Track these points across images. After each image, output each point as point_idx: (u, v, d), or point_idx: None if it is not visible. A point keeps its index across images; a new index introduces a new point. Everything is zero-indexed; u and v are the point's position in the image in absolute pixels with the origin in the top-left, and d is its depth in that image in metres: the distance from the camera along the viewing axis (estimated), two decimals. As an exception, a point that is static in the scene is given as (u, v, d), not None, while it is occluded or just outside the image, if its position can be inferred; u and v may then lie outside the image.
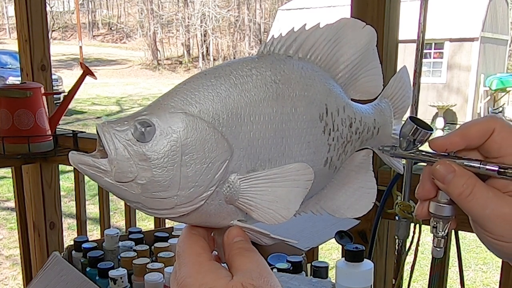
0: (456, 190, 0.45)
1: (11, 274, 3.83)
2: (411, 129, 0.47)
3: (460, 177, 0.45)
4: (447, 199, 0.47)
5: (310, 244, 1.17)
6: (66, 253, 1.27)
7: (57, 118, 1.90)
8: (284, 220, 0.42)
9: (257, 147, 0.42)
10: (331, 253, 3.93)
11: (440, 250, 0.49)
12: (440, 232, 0.48)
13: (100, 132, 0.40)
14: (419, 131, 0.47)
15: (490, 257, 4.10)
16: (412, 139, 0.47)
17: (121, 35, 30.85)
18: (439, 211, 0.47)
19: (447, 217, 0.47)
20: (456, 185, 0.45)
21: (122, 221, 4.44)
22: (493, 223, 0.44)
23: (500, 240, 0.45)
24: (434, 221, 0.48)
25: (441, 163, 0.45)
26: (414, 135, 0.47)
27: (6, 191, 5.70)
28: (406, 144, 0.48)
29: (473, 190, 0.44)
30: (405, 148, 0.48)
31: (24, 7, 1.99)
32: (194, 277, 0.41)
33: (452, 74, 12.48)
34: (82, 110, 12.49)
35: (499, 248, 0.46)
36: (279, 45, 0.45)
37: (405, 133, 0.47)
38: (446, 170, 0.45)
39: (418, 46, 1.21)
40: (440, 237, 0.48)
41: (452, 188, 0.45)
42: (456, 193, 0.45)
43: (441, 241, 0.49)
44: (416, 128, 0.47)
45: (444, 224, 0.48)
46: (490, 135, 0.45)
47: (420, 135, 0.47)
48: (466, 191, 0.44)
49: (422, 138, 0.47)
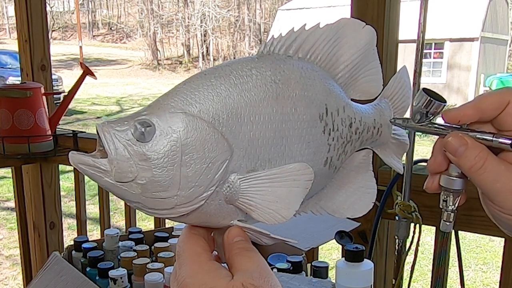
0: (467, 163, 0.44)
1: (11, 274, 3.83)
2: (425, 101, 0.46)
3: (472, 150, 0.44)
4: (458, 172, 0.46)
5: (310, 244, 1.17)
6: (66, 253, 1.27)
7: (57, 118, 1.90)
8: (284, 220, 0.42)
9: (257, 147, 0.42)
10: (331, 253, 3.93)
11: (449, 225, 0.48)
12: (450, 206, 0.48)
13: (100, 132, 0.40)
14: (433, 103, 0.46)
15: (490, 257, 4.10)
16: (425, 111, 0.46)
17: (121, 35, 30.85)
18: (450, 184, 0.47)
19: (457, 190, 0.47)
20: (468, 158, 0.44)
21: (122, 221, 4.44)
22: (504, 196, 0.44)
23: (510, 215, 0.44)
24: (444, 194, 0.48)
25: (453, 136, 0.45)
26: (427, 107, 0.46)
27: (6, 191, 5.70)
28: (419, 116, 0.47)
29: (485, 163, 0.44)
30: (418, 120, 0.48)
31: (24, 7, 1.99)
32: (194, 277, 0.41)
33: (452, 74, 12.50)
34: (82, 110, 12.49)
35: (509, 223, 0.45)
36: (279, 45, 0.45)
37: (418, 105, 0.47)
38: (458, 142, 0.44)
39: (418, 46, 1.21)
40: (450, 211, 0.48)
41: (463, 161, 0.44)
42: (468, 166, 0.44)
43: (450, 215, 0.48)
44: (430, 100, 0.46)
45: (455, 198, 0.47)
46: (504, 108, 0.44)
47: (434, 107, 0.46)
48: (478, 164, 0.44)
49: (435, 110, 0.46)
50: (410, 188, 1.24)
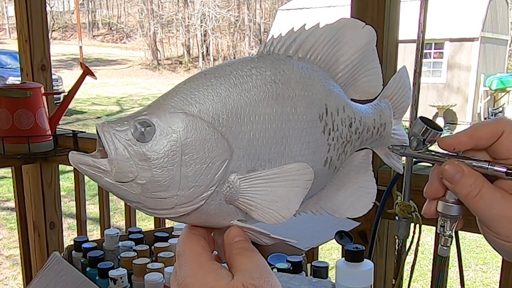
0: (463, 190, 0.45)
1: (11, 274, 3.83)
2: (421, 129, 0.48)
3: (468, 177, 0.45)
4: (455, 199, 0.47)
5: (310, 244, 1.17)
6: (66, 253, 1.27)
7: (57, 118, 1.90)
8: (284, 220, 0.42)
9: (257, 147, 0.42)
10: (331, 253, 3.93)
11: (446, 249, 0.50)
12: (447, 231, 0.49)
13: (100, 132, 0.40)
14: (429, 131, 0.47)
15: (490, 257, 4.10)
16: (422, 139, 0.48)
17: (121, 35, 30.85)
18: (447, 210, 0.48)
19: (454, 216, 0.48)
20: (464, 185, 0.45)
21: (122, 221, 4.44)
22: (500, 223, 0.45)
23: (506, 241, 0.45)
24: (442, 220, 0.49)
25: (449, 163, 0.46)
26: (424, 135, 0.48)
27: (6, 191, 5.70)
28: (416, 143, 0.49)
29: (481, 190, 0.44)
30: (415, 147, 0.49)
31: (24, 7, 1.99)
32: (195, 277, 0.41)
33: (452, 74, 12.49)
34: (82, 110, 12.49)
35: (505, 249, 0.46)
36: (279, 45, 0.45)
37: (415, 133, 0.48)
38: (454, 170, 0.45)
39: (418, 46, 1.21)
40: (447, 236, 0.49)
41: (460, 188, 0.45)
42: (464, 193, 0.45)
43: (448, 240, 0.49)
44: (426, 129, 0.47)
45: (452, 224, 0.48)
46: (499, 137, 0.46)
47: (430, 135, 0.48)
48: (474, 191, 0.45)
49: (432, 138, 0.48)
50: (410, 188, 1.24)
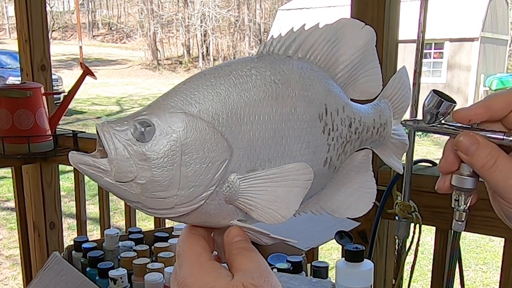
0: (479, 161, 0.44)
1: (11, 274, 3.83)
2: (435, 101, 0.47)
3: (484, 148, 0.44)
4: (469, 171, 0.46)
5: (310, 244, 1.17)
6: (66, 253, 1.27)
7: (57, 118, 1.90)
8: (284, 219, 0.42)
9: (257, 147, 0.42)
10: (331, 253, 3.93)
11: (461, 224, 0.49)
12: (462, 205, 0.48)
13: (100, 132, 0.40)
14: (443, 104, 0.47)
15: (490, 257, 4.10)
16: (436, 111, 0.47)
17: (121, 35, 30.85)
18: (461, 183, 0.47)
19: (469, 189, 0.47)
20: (480, 156, 0.44)
21: (122, 221, 4.44)
22: None
23: None
24: (456, 194, 0.48)
25: (464, 135, 0.45)
26: (437, 108, 0.47)
27: (6, 191, 5.70)
28: (430, 117, 0.48)
29: (496, 161, 0.44)
30: (428, 121, 0.48)
31: (24, 7, 1.99)
32: (195, 277, 0.41)
33: (452, 74, 12.49)
34: (82, 110, 12.49)
35: None
36: (278, 45, 0.45)
37: (429, 106, 0.47)
38: (469, 141, 0.45)
39: (418, 46, 1.21)
40: (462, 211, 0.48)
41: (475, 159, 0.45)
42: (480, 164, 0.44)
43: (462, 214, 0.48)
44: (440, 101, 0.46)
45: (466, 197, 0.48)
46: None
47: (444, 107, 0.47)
48: (489, 163, 0.44)
49: (445, 110, 0.47)
50: (410, 188, 1.24)
